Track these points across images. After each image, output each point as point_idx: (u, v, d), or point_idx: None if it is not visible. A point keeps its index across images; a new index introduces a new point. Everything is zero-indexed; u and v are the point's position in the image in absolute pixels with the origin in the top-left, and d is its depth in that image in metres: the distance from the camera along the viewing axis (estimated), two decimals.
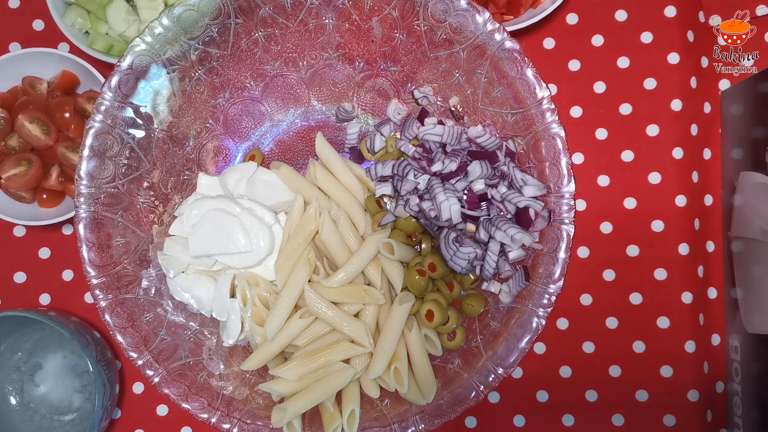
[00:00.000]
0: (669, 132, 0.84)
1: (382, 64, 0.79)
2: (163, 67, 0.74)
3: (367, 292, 0.73)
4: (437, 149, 0.75)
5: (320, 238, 0.75)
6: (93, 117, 0.72)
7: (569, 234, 0.70)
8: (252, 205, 0.77)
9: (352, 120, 0.82)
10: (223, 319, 0.76)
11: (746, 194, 0.79)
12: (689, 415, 0.83)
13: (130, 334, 0.73)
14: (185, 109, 0.78)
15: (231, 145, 0.82)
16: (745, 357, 0.79)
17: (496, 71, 0.72)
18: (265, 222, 0.76)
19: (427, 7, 0.72)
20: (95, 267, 0.72)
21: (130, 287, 0.75)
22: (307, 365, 0.72)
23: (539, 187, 0.71)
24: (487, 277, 0.73)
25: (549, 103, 0.70)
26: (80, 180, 0.72)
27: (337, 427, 0.72)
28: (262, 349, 0.73)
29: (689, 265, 0.84)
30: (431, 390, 0.73)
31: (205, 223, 0.75)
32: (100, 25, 0.84)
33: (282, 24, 0.76)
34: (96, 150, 0.72)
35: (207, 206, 0.76)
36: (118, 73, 0.72)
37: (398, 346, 0.73)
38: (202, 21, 0.72)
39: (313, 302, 0.72)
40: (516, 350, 0.71)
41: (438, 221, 0.72)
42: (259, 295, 0.75)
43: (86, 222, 0.72)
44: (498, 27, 0.70)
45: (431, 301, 0.73)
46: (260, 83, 0.81)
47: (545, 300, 0.70)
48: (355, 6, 0.74)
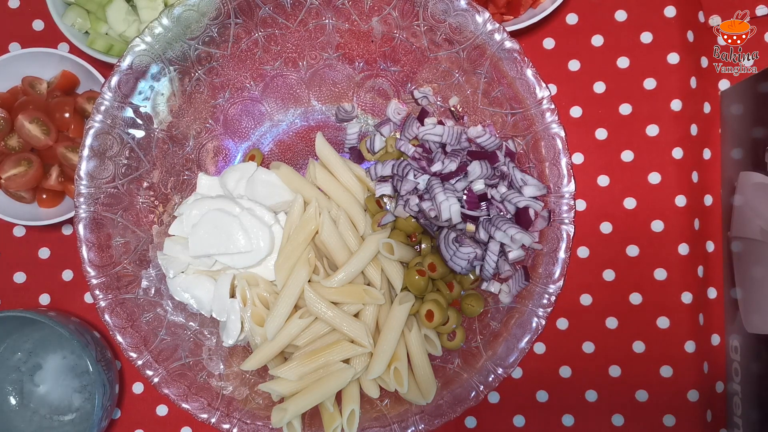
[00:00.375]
0: (669, 132, 0.84)
1: (382, 64, 0.79)
2: (163, 67, 0.74)
3: (367, 292, 0.73)
4: (437, 149, 0.75)
5: (320, 238, 0.75)
6: (93, 117, 0.72)
7: (569, 234, 0.70)
8: (252, 205, 0.77)
9: (352, 120, 0.82)
10: (222, 320, 0.76)
11: (746, 194, 0.79)
12: (689, 415, 0.83)
13: (129, 335, 0.73)
14: (185, 109, 0.78)
15: (231, 145, 0.82)
16: (745, 357, 0.79)
17: (495, 71, 0.72)
18: (265, 222, 0.76)
19: (426, 7, 0.72)
20: (95, 267, 0.72)
21: (129, 287, 0.75)
22: (306, 365, 0.72)
23: (539, 187, 0.71)
24: (486, 277, 0.73)
25: (549, 103, 0.70)
26: (80, 180, 0.72)
27: (337, 427, 0.72)
28: (262, 349, 0.73)
29: (689, 265, 0.84)
30: (431, 390, 0.73)
31: (205, 223, 0.75)
32: (100, 25, 0.84)
33: (282, 24, 0.76)
34: (96, 150, 0.72)
35: (207, 206, 0.76)
36: (118, 73, 0.72)
37: (398, 346, 0.73)
38: (201, 21, 0.72)
39: (312, 302, 0.72)
40: (516, 350, 0.71)
41: (438, 221, 0.72)
42: (258, 295, 0.75)
43: (86, 222, 0.72)
44: (498, 27, 0.70)
45: (431, 301, 0.73)
46: (260, 83, 0.81)
47: (545, 300, 0.70)
48: (354, 6, 0.74)
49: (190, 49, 0.74)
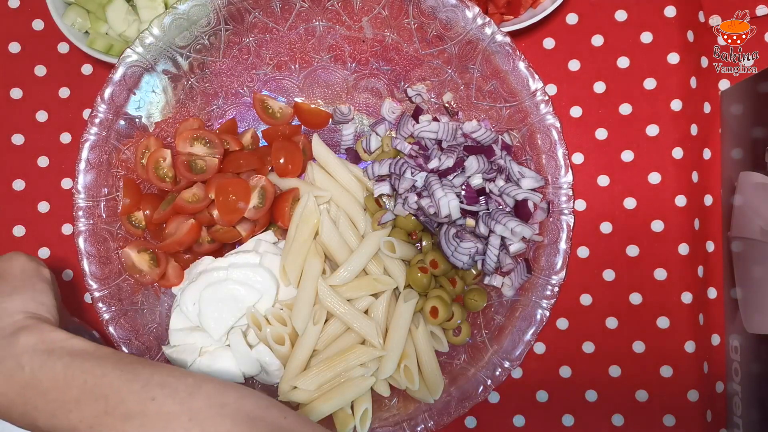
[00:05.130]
0: (669, 132, 0.84)
1: (375, 63, 0.79)
2: (156, 76, 0.74)
3: (379, 280, 0.73)
4: (433, 146, 0.75)
5: (321, 239, 0.75)
6: (88, 130, 0.72)
7: (569, 225, 0.70)
8: (232, 259, 0.75)
9: (348, 122, 0.82)
10: (258, 372, 0.74)
11: (746, 194, 0.79)
12: (689, 415, 0.83)
13: (135, 346, 0.73)
14: (179, 118, 0.78)
15: None
16: (745, 357, 0.79)
17: (488, 65, 0.72)
18: (253, 264, 0.74)
19: (416, 4, 0.72)
20: (97, 280, 0.72)
21: (133, 298, 0.75)
22: (325, 373, 0.71)
23: (536, 179, 0.71)
24: (488, 271, 0.73)
25: (543, 95, 0.70)
26: (78, 194, 0.72)
27: (351, 428, 0.72)
28: (297, 356, 0.72)
29: (689, 265, 0.84)
30: (438, 387, 0.73)
31: (207, 305, 0.73)
32: (100, 25, 0.84)
33: (272, 28, 0.76)
34: (93, 163, 0.72)
35: (197, 292, 0.74)
36: (111, 85, 0.72)
37: (406, 344, 0.73)
38: (192, 29, 0.72)
39: (326, 296, 0.72)
40: (521, 343, 0.71)
41: (437, 218, 0.72)
42: (273, 313, 0.74)
43: (86, 236, 0.72)
44: (488, 21, 0.70)
45: (435, 298, 0.73)
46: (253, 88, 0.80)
47: (548, 291, 0.70)
48: (344, 7, 0.74)
49: (182, 58, 0.74)
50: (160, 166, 0.75)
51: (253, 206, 0.75)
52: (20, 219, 0.90)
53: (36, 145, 0.90)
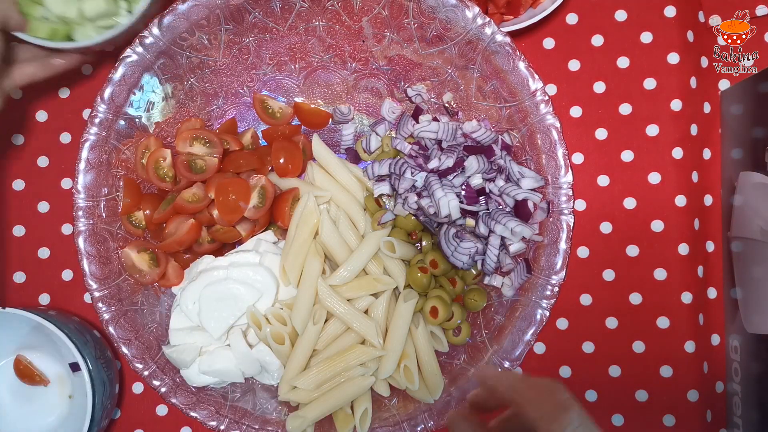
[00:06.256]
0: (669, 132, 0.84)
1: (374, 63, 0.79)
2: (155, 76, 0.74)
3: (378, 280, 0.73)
4: (433, 146, 0.76)
5: (321, 239, 0.75)
6: (88, 130, 0.72)
7: (569, 224, 0.70)
8: (233, 258, 0.75)
9: (348, 122, 0.82)
10: (257, 371, 0.74)
11: (746, 194, 0.79)
12: (689, 415, 0.83)
13: (135, 346, 0.74)
14: (179, 118, 0.78)
15: None
16: (745, 357, 0.79)
17: (488, 65, 0.72)
18: (253, 263, 0.74)
19: (416, 4, 0.72)
20: (97, 280, 0.73)
21: (133, 298, 0.75)
22: (325, 373, 0.71)
23: (536, 178, 0.71)
24: (488, 271, 0.73)
25: (542, 95, 0.70)
26: (78, 194, 0.72)
27: (351, 428, 0.72)
28: (297, 355, 0.72)
29: (689, 265, 0.84)
30: (438, 387, 0.73)
31: (207, 305, 0.73)
32: (35, 9, 0.73)
33: (272, 28, 0.76)
34: (93, 163, 0.72)
35: (197, 291, 0.74)
36: (111, 85, 0.72)
37: (406, 344, 0.73)
38: (192, 29, 0.72)
39: (326, 296, 0.72)
40: (521, 343, 0.71)
41: (437, 218, 0.72)
42: (273, 313, 0.74)
43: (86, 236, 0.72)
44: (488, 21, 0.70)
45: (435, 298, 0.73)
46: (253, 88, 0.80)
47: (548, 291, 0.70)
48: (344, 7, 0.74)
49: (182, 57, 0.74)
50: (160, 165, 0.75)
51: (253, 206, 0.75)
52: (20, 219, 0.90)
53: (36, 145, 0.90)
